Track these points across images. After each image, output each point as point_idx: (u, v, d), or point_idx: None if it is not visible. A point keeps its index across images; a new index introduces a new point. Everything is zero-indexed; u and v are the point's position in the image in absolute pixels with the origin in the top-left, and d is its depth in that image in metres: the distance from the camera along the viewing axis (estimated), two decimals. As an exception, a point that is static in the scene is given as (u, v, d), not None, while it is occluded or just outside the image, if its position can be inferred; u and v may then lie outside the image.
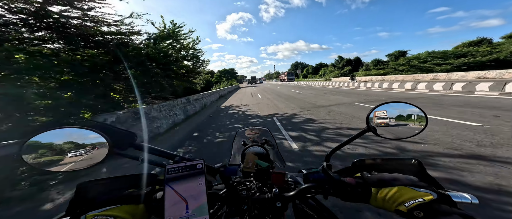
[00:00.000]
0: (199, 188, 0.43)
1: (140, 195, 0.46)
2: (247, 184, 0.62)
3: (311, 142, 3.86)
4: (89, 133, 0.48)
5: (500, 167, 2.34)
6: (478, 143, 3.08)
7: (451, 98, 7.60)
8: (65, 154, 0.47)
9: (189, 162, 0.47)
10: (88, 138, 0.49)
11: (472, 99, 7.09)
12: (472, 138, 3.30)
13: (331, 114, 6.37)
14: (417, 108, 0.58)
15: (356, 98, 10.04)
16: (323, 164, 0.58)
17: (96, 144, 0.49)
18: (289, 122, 5.77)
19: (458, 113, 5.11)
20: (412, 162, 0.53)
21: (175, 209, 0.40)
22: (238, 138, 0.96)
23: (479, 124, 3.99)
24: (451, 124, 4.21)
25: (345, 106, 7.62)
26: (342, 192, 0.49)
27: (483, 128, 3.75)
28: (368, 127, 0.58)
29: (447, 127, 3.99)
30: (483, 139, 3.24)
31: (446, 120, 4.54)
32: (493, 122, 4.10)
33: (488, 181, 2.10)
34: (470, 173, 2.28)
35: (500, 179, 2.11)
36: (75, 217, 0.40)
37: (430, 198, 0.40)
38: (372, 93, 12.31)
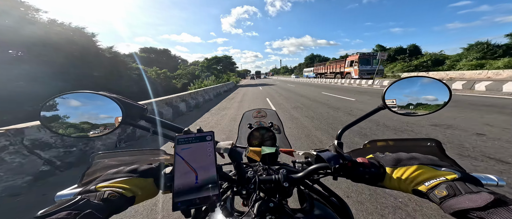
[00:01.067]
0: (208, 159, 0.42)
1: (150, 169, 0.47)
2: (253, 167, 0.62)
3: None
4: (105, 100, 0.49)
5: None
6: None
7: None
8: (81, 118, 0.49)
9: (198, 134, 0.46)
10: (103, 105, 0.50)
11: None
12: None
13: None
14: (439, 81, 0.54)
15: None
16: (334, 142, 0.56)
17: (111, 112, 0.50)
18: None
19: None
20: (429, 144, 0.51)
21: (184, 178, 0.40)
22: (245, 120, 0.96)
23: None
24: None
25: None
26: (353, 173, 0.47)
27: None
28: (384, 104, 0.55)
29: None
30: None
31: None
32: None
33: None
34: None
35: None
36: (86, 188, 0.40)
37: (453, 177, 0.37)
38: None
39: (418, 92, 0.55)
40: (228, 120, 6.12)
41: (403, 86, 0.55)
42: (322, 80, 28.23)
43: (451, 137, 3.58)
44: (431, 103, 0.54)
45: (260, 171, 0.58)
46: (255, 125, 0.88)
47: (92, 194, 0.37)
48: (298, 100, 9.66)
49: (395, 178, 0.43)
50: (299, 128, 4.76)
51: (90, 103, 0.49)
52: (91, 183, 0.42)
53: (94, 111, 0.49)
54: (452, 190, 0.34)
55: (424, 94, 0.55)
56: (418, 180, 0.40)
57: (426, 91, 0.55)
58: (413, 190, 0.40)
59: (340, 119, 5.43)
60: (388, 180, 0.44)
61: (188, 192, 0.38)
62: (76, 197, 0.35)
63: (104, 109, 0.50)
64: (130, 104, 0.54)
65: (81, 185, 0.47)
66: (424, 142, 0.52)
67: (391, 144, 0.56)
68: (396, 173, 0.43)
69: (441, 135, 3.70)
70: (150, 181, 0.45)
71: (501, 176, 2.38)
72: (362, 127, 4.37)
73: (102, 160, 0.52)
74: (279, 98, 11.27)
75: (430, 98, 0.54)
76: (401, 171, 0.43)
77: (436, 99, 0.54)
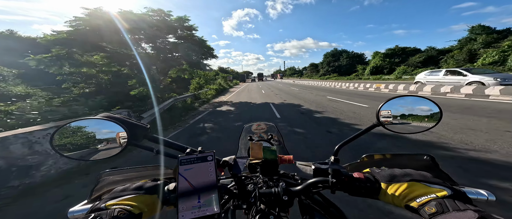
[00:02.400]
0: (210, 179, 0.45)
1: (155, 186, 0.49)
2: (254, 179, 0.63)
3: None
4: (110, 124, 0.52)
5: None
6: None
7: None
8: (89, 144, 0.52)
9: (200, 154, 0.49)
10: (109, 129, 0.52)
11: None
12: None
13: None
14: (431, 102, 0.56)
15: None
16: (331, 158, 0.57)
17: (116, 135, 0.53)
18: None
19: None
20: (425, 157, 0.52)
21: (187, 199, 0.42)
22: (245, 133, 0.98)
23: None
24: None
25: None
26: (350, 186, 0.49)
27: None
28: (378, 121, 0.56)
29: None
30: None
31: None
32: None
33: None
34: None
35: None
36: (97, 205, 0.43)
37: (443, 194, 0.39)
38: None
39: (411, 111, 0.56)
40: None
41: (397, 104, 0.57)
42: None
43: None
44: (423, 121, 0.56)
45: (260, 183, 0.60)
46: (255, 137, 0.90)
47: (103, 212, 0.39)
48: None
49: (390, 193, 0.44)
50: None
51: (97, 128, 0.52)
52: (101, 200, 0.44)
53: (100, 135, 0.52)
54: (441, 207, 0.36)
55: (417, 113, 0.56)
56: (410, 196, 0.41)
57: (418, 110, 0.56)
58: (405, 206, 0.42)
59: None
60: (383, 195, 0.46)
61: (192, 211, 0.40)
62: (89, 214, 0.38)
63: (110, 132, 0.52)
64: (134, 125, 0.56)
65: (91, 201, 0.50)
66: (419, 157, 0.53)
67: (388, 157, 0.58)
68: (391, 189, 0.45)
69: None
70: (155, 198, 0.47)
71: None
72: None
73: (109, 177, 0.55)
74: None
75: (422, 117, 0.56)
76: (395, 187, 0.44)
77: (428, 118, 0.56)
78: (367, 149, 3.33)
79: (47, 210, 2.24)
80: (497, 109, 5.36)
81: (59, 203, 2.37)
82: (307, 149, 3.57)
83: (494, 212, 0.33)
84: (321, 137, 4.18)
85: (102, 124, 0.52)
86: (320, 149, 3.51)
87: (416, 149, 3.32)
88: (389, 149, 3.35)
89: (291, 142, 3.93)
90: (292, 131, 4.75)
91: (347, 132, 4.51)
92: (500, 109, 5.41)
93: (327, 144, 3.73)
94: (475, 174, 2.36)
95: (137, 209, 0.43)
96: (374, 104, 7.79)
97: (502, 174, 2.32)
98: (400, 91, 11.40)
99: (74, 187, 2.77)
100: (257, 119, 6.44)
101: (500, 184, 2.13)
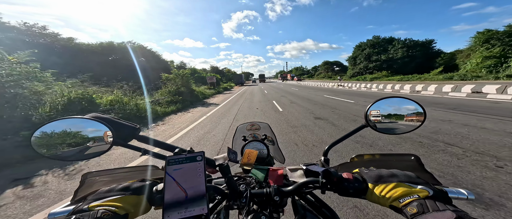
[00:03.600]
0: (198, 179, 0.44)
1: (142, 186, 0.48)
2: (246, 179, 0.63)
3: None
4: (94, 123, 0.50)
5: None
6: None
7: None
8: (71, 143, 0.50)
9: (189, 154, 0.48)
10: (93, 129, 0.51)
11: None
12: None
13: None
14: (416, 103, 0.58)
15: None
16: (321, 158, 0.58)
17: (100, 135, 0.51)
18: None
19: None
20: (411, 158, 0.54)
21: (174, 200, 0.41)
22: (239, 134, 0.97)
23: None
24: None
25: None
26: (339, 187, 0.50)
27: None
28: (366, 122, 0.58)
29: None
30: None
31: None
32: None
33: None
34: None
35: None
36: (79, 207, 0.41)
37: (425, 195, 0.40)
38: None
39: (397, 111, 0.58)
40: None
41: (384, 105, 0.58)
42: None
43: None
44: (408, 122, 0.58)
45: (252, 184, 0.60)
46: (249, 137, 0.90)
47: (86, 214, 0.38)
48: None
49: (376, 193, 0.46)
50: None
51: (80, 127, 0.50)
52: (84, 202, 0.43)
53: (84, 134, 0.50)
54: (421, 208, 0.37)
55: (403, 113, 0.58)
56: (394, 197, 0.43)
57: (404, 111, 0.58)
58: (390, 206, 0.43)
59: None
60: (370, 195, 0.47)
61: (178, 211, 0.40)
62: (70, 217, 0.36)
63: (94, 132, 0.51)
64: (121, 125, 0.55)
65: (74, 202, 0.48)
66: (406, 157, 0.55)
67: (377, 157, 0.59)
68: (377, 189, 0.46)
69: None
70: (142, 198, 0.46)
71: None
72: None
73: (94, 178, 0.53)
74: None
75: (408, 117, 0.58)
76: (381, 187, 0.46)
77: (413, 119, 0.58)
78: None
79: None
80: None
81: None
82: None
83: (473, 209, 0.31)
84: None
85: (88, 124, 0.50)
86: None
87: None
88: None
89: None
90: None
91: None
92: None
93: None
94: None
95: (122, 210, 0.42)
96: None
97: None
98: None
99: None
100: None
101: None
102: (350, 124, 5.21)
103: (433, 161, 2.81)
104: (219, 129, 5.38)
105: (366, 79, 32.48)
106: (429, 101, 8.37)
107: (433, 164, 2.71)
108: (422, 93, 11.96)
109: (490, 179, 2.25)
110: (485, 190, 2.03)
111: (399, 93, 13.71)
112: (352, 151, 3.34)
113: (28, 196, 2.46)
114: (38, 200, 2.36)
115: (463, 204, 1.71)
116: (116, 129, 0.52)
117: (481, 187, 2.11)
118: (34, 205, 2.26)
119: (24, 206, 2.25)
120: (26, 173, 3.16)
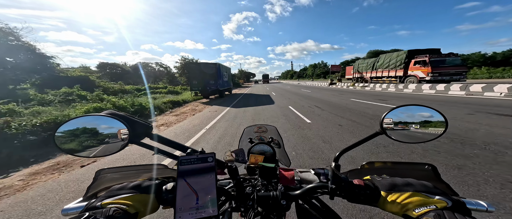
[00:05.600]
0: (209, 181, 0.44)
1: (152, 185, 0.48)
2: (252, 181, 0.63)
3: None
4: (112, 121, 0.52)
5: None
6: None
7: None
8: (91, 140, 0.52)
9: (200, 155, 0.48)
10: (111, 127, 0.52)
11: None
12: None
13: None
14: (437, 111, 0.55)
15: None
16: (332, 164, 0.57)
17: (117, 132, 0.53)
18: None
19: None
20: (426, 167, 0.52)
21: (186, 200, 0.42)
22: (245, 136, 0.98)
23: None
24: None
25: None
26: (349, 193, 0.49)
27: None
28: (381, 129, 0.56)
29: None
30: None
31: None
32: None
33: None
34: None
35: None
36: (92, 204, 0.42)
37: (443, 205, 0.39)
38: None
39: (416, 120, 0.56)
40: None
41: (401, 113, 0.56)
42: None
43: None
44: (427, 131, 0.55)
45: (258, 186, 0.60)
46: (255, 140, 0.90)
47: (98, 211, 0.39)
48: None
49: (389, 201, 0.44)
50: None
51: (99, 124, 0.52)
52: (97, 199, 0.44)
53: (102, 131, 0.52)
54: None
55: (421, 122, 0.56)
56: (409, 206, 0.41)
57: (423, 120, 0.56)
58: (403, 215, 0.42)
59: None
60: (382, 203, 0.46)
61: (189, 212, 0.40)
62: (83, 213, 0.38)
63: (111, 129, 0.52)
64: (136, 122, 0.56)
65: (86, 199, 0.50)
66: (420, 166, 0.53)
67: (389, 165, 0.58)
68: (391, 198, 0.44)
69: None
70: (152, 197, 0.47)
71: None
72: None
73: (107, 175, 0.55)
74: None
75: (427, 126, 0.55)
76: (395, 196, 0.44)
77: (433, 128, 0.55)
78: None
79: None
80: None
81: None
82: None
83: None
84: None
85: (105, 121, 0.52)
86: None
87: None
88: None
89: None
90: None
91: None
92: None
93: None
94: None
95: (133, 208, 0.42)
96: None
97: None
98: None
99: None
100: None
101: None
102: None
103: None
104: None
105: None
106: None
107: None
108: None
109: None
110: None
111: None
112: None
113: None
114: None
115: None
116: (132, 127, 0.53)
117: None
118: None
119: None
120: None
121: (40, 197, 2.44)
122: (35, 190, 2.63)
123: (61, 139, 0.49)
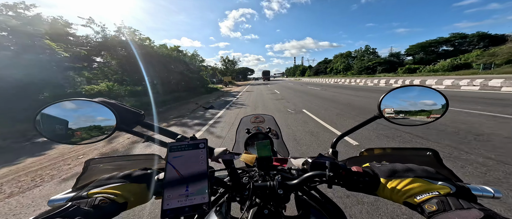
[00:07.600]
0: (200, 167, 0.42)
1: (144, 174, 0.47)
2: (249, 172, 0.62)
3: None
4: (99, 107, 0.50)
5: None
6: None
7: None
8: (74, 125, 0.49)
9: (191, 141, 0.46)
10: (97, 112, 0.50)
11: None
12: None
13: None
14: (437, 91, 0.52)
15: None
16: (329, 151, 0.55)
17: (104, 118, 0.51)
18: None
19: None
20: (427, 153, 0.50)
21: (175, 187, 0.40)
22: (242, 126, 0.96)
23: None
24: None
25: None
26: (348, 181, 0.47)
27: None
28: (380, 112, 0.54)
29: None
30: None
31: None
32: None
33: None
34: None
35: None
36: (78, 194, 0.41)
37: (446, 191, 0.37)
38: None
39: (415, 101, 0.53)
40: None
41: (399, 95, 0.54)
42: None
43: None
44: (427, 112, 0.53)
45: (255, 177, 0.58)
46: (253, 130, 0.88)
47: (83, 201, 0.37)
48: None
49: (389, 188, 0.42)
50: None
51: (85, 110, 0.49)
52: (84, 189, 0.42)
53: (88, 118, 0.50)
54: (442, 206, 0.34)
55: (421, 103, 0.53)
56: (410, 193, 0.39)
57: (422, 101, 0.53)
58: (404, 202, 0.40)
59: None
60: (382, 190, 0.44)
61: (178, 199, 0.38)
62: (67, 203, 0.36)
63: (98, 116, 0.50)
64: (125, 110, 0.54)
65: (75, 189, 0.48)
66: (421, 152, 0.51)
67: (388, 152, 0.56)
68: (391, 184, 0.42)
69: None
70: (143, 187, 0.45)
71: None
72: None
73: (98, 165, 0.53)
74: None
75: (426, 107, 0.53)
76: (396, 182, 0.42)
77: (433, 109, 0.53)
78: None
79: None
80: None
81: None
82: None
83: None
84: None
85: (93, 108, 0.50)
86: None
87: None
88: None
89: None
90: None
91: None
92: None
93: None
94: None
95: (121, 198, 0.41)
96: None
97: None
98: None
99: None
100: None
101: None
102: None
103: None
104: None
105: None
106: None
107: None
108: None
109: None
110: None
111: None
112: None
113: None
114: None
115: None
116: (121, 114, 0.51)
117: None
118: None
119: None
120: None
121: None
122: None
123: (43, 122, 0.47)
